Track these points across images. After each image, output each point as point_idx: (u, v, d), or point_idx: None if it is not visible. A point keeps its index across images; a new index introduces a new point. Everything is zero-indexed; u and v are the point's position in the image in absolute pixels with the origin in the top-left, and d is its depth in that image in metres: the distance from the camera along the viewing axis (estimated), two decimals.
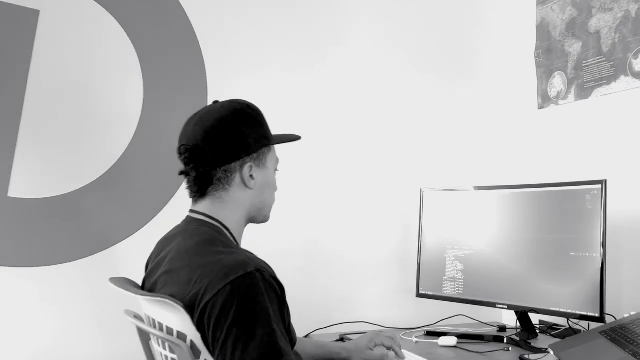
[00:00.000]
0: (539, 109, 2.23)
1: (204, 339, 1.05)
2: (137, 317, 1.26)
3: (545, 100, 2.21)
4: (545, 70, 2.22)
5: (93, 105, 1.92)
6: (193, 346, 1.06)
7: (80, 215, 1.88)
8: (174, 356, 1.11)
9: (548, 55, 2.20)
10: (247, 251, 1.18)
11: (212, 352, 1.04)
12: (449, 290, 1.94)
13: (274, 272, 1.12)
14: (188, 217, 1.29)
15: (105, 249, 1.89)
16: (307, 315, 1.86)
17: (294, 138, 1.38)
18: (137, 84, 1.97)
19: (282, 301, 1.11)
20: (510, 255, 1.81)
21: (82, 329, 1.84)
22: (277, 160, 1.35)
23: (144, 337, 1.30)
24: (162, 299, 1.08)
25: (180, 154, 1.26)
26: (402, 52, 2.32)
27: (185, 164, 1.25)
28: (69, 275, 1.84)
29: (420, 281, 2.02)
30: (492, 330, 1.91)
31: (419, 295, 2.03)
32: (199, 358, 1.05)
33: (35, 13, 1.86)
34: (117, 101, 1.95)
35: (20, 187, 1.83)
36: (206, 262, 1.10)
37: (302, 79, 2.17)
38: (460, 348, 1.69)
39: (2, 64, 1.83)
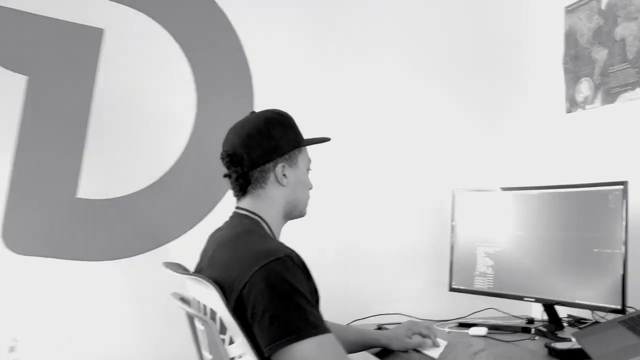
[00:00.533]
0: (566, 113, 2.34)
1: (241, 318, 1.19)
2: (183, 299, 1.43)
3: (572, 104, 2.31)
4: (572, 76, 2.32)
5: (151, 116, 2.11)
6: (221, 323, 1.20)
7: (139, 215, 2.07)
8: (203, 328, 1.27)
9: (575, 62, 2.30)
10: (279, 241, 1.35)
11: (250, 328, 1.19)
12: (479, 284, 2.06)
13: (302, 259, 1.26)
14: (233, 212, 1.46)
15: (160, 245, 2.08)
16: (346, 307, 2.03)
17: (323, 140, 1.53)
18: (190, 96, 2.15)
19: (312, 286, 1.26)
20: (538, 252, 1.92)
21: (140, 314, 2.03)
22: (309, 161, 1.50)
23: (190, 317, 1.47)
24: (197, 277, 1.24)
25: (222, 159, 1.43)
26: (436, 57, 2.45)
27: (227, 167, 1.43)
28: (129, 269, 2.03)
29: (453, 276, 2.15)
30: (521, 322, 2.02)
31: (451, 289, 2.15)
32: (225, 334, 1.20)
33: (100, 31, 2.07)
34: (172, 112, 2.14)
35: (88, 189, 2.03)
36: (242, 250, 1.27)
37: (339, 83, 2.32)
38: (489, 337, 1.81)
39: (71, 78, 2.04)
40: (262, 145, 1.38)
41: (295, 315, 1.16)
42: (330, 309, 1.40)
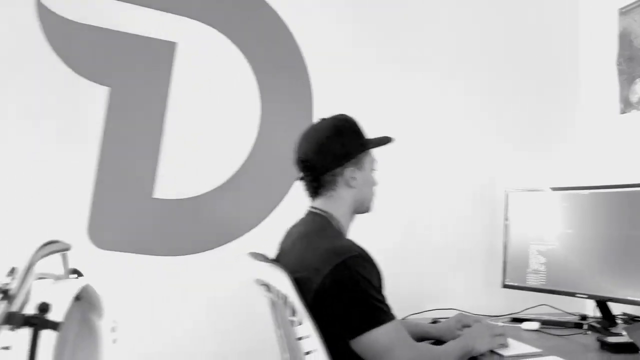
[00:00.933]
0: (620, 113, 2.36)
1: (319, 307, 1.34)
2: (264, 284, 1.58)
3: (627, 105, 2.34)
4: (627, 77, 2.34)
5: (219, 121, 2.27)
6: (292, 307, 1.35)
7: (210, 213, 2.24)
8: (289, 316, 1.41)
9: (630, 63, 2.33)
10: (349, 239, 1.49)
11: (324, 316, 1.34)
12: (532, 281, 2.13)
13: (371, 255, 1.42)
14: (308, 210, 1.60)
15: (230, 241, 2.24)
16: (403, 302, 2.11)
17: (386, 141, 1.65)
18: (255, 102, 2.31)
19: (380, 279, 1.42)
20: (589, 250, 1.98)
21: (215, 302, 2.20)
22: (374, 161, 1.63)
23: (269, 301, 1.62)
24: (275, 266, 1.40)
25: (296, 164, 1.59)
26: (489, 59, 2.53)
27: (301, 172, 1.58)
28: (202, 263, 2.21)
29: (506, 273, 2.22)
30: (574, 319, 2.07)
31: (504, 286, 2.23)
32: (294, 316, 1.35)
33: (173, 45, 2.25)
34: (239, 117, 2.30)
35: (163, 189, 2.21)
36: (318, 246, 1.42)
37: (396, 86, 2.44)
38: (542, 331, 1.88)
39: (148, 88, 2.22)
40: (333, 152, 1.52)
41: (371, 306, 1.34)
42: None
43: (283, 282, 1.36)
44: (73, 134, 2.14)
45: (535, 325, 1.93)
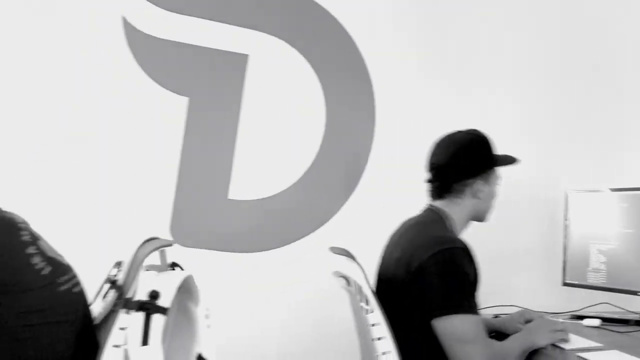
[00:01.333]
0: None
1: (412, 283, 1.49)
2: (342, 276, 1.71)
3: None
4: None
5: (289, 126, 2.43)
6: (366, 297, 1.48)
7: (282, 212, 2.40)
8: (363, 305, 1.55)
9: None
10: (457, 235, 1.63)
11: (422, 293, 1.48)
12: (592, 279, 2.18)
13: (473, 253, 1.55)
14: (426, 207, 1.73)
15: (301, 237, 2.40)
16: None
17: (512, 161, 1.78)
18: (320, 109, 2.45)
19: (476, 278, 1.55)
20: None
21: (293, 294, 2.35)
22: (499, 177, 1.76)
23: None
24: (349, 258, 1.53)
25: (430, 169, 1.73)
26: (557, 60, 2.58)
27: (433, 176, 1.72)
28: (276, 258, 2.38)
29: (566, 272, 2.28)
30: (636, 317, 2.10)
31: (564, 284, 2.28)
32: (367, 305, 1.48)
33: (245, 57, 2.42)
34: (306, 123, 2.45)
35: (237, 191, 2.39)
36: (426, 233, 1.58)
37: (458, 96, 2.52)
38: (603, 328, 1.93)
39: (223, 98, 2.40)
40: (466, 164, 1.67)
41: (462, 293, 1.47)
42: None
43: (358, 274, 1.50)
44: (157, 141, 2.35)
45: (596, 322, 1.98)
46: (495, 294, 2.36)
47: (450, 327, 1.47)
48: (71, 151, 2.28)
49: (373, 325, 1.45)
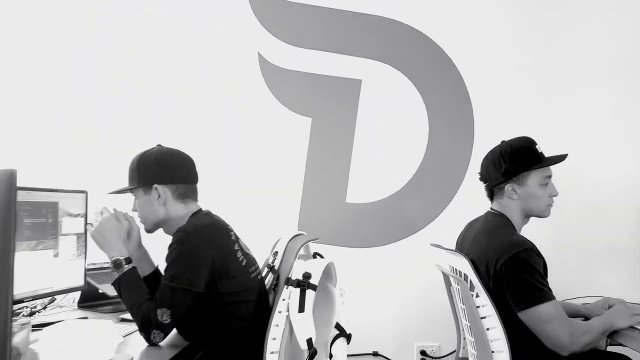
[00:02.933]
0: None
1: (496, 284, 1.81)
2: (444, 269, 2.09)
3: None
4: None
5: (397, 140, 2.84)
6: (471, 284, 1.83)
7: (394, 212, 2.82)
8: (458, 287, 1.91)
9: None
10: (523, 235, 1.93)
11: (499, 291, 1.81)
12: None
13: (538, 250, 1.85)
14: (488, 210, 2.05)
15: (413, 234, 2.80)
16: (558, 290, 2.50)
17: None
18: (424, 124, 2.84)
19: (545, 269, 1.84)
20: None
21: (404, 282, 2.77)
22: (544, 177, 1.97)
23: (447, 280, 2.13)
24: (456, 252, 1.89)
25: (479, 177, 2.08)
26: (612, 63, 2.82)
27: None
28: (387, 253, 2.80)
29: None
30: None
31: None
32: (473, 291, 1.82)
33: (359, 82, 2.85)
34: (411, 136, 2.84)
35: (353, 195, 2.83)
36: (499, 239, 1.88)
37: (552, 112, 2.81)
38: None
39: (340, 117, 2.85)
40: (495, 171, 1.98)
41: (537, 288, 1.78)
42: None
43: (464, 266, 1.87)
44: (287, 155, 2.83)
45: None
46: (583, 286, 2.63)
47: (535, 314, 1.77)
48: (233, 163, 2.83)
49: (478, 307, 1.81)
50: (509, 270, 1.79)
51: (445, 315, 2.23)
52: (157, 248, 1.80)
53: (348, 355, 2.53)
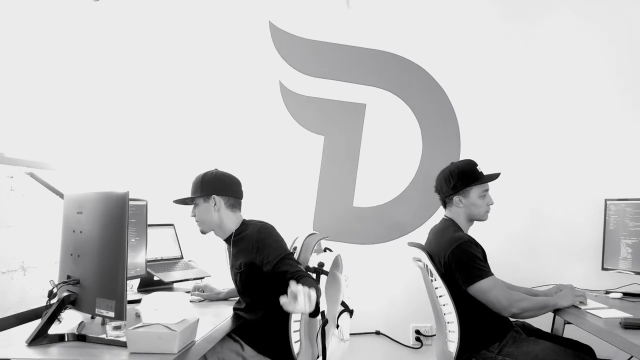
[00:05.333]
0: None
1: (447, 270, 2.34)
2: (417, 259, 2.64)
3: None
4: None
5: (394, 156, 3.38)
6: (430, 271, 2.39)
7: (392, 216, 3.36)
8: (431, 278, 2.47)
9: None
10: (465, 233, 2.45)
11: (451, 276, 2.35)
12: (623, 265, 2.91)
13: (476, 241, 2.38)
14: (442, 218, 2.58)
15: (407, 233, 3.34)
16: (529, 279, 3.03)
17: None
18: (418, 142, 3.38)
19: (484, 254, 2.38)
20: None
21: (400, 272, 3.33)
22: (482, 190, 2.49)
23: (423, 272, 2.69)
24: (421, 249, 2.45)
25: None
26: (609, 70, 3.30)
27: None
28: (389, 248, 3.35)
29: (605, 259, 3.02)
30: None
31: (603, 269, 3.01)
32: (432, 276, 2.38)
33: (364, 106, 3.41)
34: (407, 153, 3.38)
35: (359, 200, 3.38)
36: (446, 236, 2.41)
37: (533, 118, 3.34)
38: (624, 300, 2.61)
39: (348, 136, 3.40)
40: (446, 186, 2.50)
41: (478, 268, 2.31)
42: (519, 280, 2.63)
43: (425, 258, 2.44)
44: (303, 166, 3.40)
45: (618, 295, 2.71)
46: (548, 275, 3.16)
47: (478, 287, 2.27)
48: (259, 175, 3.34)
49: (435, 288, 2.38)
50: (455, 257, 2.32)
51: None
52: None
53: (355, 334, 3.14)
